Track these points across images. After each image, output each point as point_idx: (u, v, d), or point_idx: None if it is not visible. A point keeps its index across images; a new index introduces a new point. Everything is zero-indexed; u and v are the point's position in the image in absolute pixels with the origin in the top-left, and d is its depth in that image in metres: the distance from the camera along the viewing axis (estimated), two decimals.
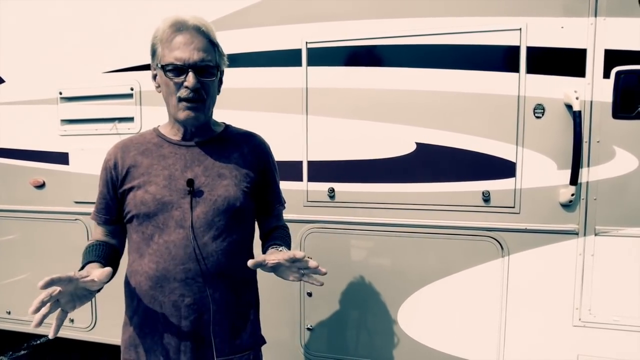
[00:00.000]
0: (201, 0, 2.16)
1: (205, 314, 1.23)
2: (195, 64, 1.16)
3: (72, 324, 2.54)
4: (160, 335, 1.24)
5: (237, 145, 1.32)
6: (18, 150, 2.56)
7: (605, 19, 1.73)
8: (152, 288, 1.22)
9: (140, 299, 1.25)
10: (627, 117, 1.74)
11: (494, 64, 1.85)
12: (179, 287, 1.21)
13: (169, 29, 1.16)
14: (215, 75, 1.22)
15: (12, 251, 2.64)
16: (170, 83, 1.18)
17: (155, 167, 1.24)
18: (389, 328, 2.07)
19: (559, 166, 1.81)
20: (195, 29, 1.17)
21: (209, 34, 1.19)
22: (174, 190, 1.22)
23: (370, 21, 1.95)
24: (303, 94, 2.06)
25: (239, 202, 1.25)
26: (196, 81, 1.16)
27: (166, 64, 1.17)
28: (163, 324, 1.23)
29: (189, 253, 1.20)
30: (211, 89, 1.23)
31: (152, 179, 1.23)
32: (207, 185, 1.23)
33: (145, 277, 1.23)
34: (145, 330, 1.26)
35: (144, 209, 1.21)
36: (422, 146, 1.94)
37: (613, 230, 1.79)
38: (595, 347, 1.84)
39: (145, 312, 1.25)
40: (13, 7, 2.48)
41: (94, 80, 2.36)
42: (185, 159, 1.25)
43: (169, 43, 1.16)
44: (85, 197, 2.42)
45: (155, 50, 1.21)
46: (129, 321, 1.30)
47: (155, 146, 1.28)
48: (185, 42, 1.16)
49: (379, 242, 2.05)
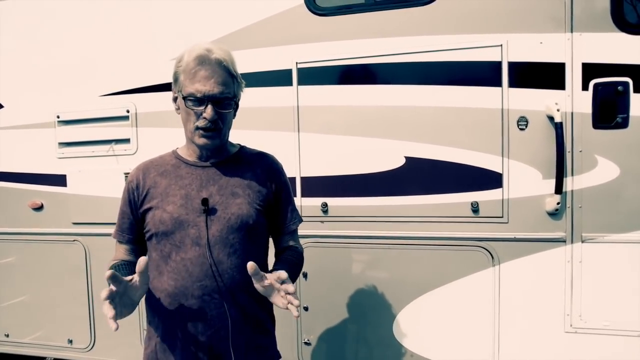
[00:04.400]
0: (195, 24, 2.23)
1: (222, 329, 1.26)
2: (214, 96, 1.23)
3: (70, 345, 2.54)
4: (179, 350, 1.28)
5: (251, 165, 1.38)
6: (17, 174, 2.60)
7: (581, 34, 1.80)
8: (171, 304, 1.27)
9: (160, 315, 1.30)
10: (607, 127, 1.81)
11: (478, 79, 1.91)
12: (196, 303, 1.25)
13: (192, 62, 1.23)
14: (232, 106, 1.30)
15: (11, 273, 2.66)
16: (190, 112, 1.26)
17: (173, 187, 1.30)
18: (384, 340, 2.09)
19: (544, 176, 1.87)
20: (217, 63, 1.24)
21: (229, 68, 1.26)
22: (190, 209, 1.27)
23: (357, 41, 2.03)
24: (294, 112, 2.12)
25: (252, 220, 1.30)
26: (214, 113, 1.24)
27: (187, 95, 1.24)
28: (182, 339, 1.27)
29: (205, 270, 1.25)
30: (228, 118, 1.31)
31: (169, 198, 1.29)
32: (222, 203, 1.28)
33: (164, 294, 1.28)
34: (165, 345, 1.30)
35: (162, 228, 1.27)
36: (411, 160, 2.00)
37: (599, 236, 1.84)
38: (586, 353, 1.87)
39: (165, 327, 1.29)
40: (11, 33, 2.55)
41: (90, 104, 2.42)
42: (201, 179, 1.31)
43: (192, 75, 1.23)
44: (83, 218, 2.45)
45: (178, 78, 1.28)
46: (151, 337, 1.34)
47: (173, 167, 1.34)
48: (206, 77, 1.23)
49: (373, 255, 2.09)
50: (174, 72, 1.29)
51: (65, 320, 2.55)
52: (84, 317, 2.50)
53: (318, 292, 2.17)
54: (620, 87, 1.77)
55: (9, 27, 2.55)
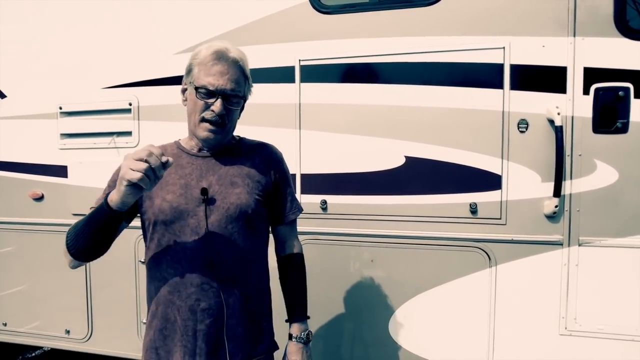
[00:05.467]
0: (199, 19, 2.24)
1: (220, 318, 1.28)
2: (225, 92, 1.26)
3: (68, 335, 2.56)
4: (178, 339, 1.29)
5: (250, 155, 1.40)
6: (18, 164, 2.61)
7: (583, 39, 1.81)
8: (170, 293, 1.28)
9: (159, 304, 1.31)
10: (607, 132, 1.81)
11: (480, 81, 1.92)
12: (195, 292, 1.26)
13: (210, 56, 1.27)
14: (240, 105, 1.33)
15: (10, 263, 2.67)
16: (199, 102, 1.27)
17: (173, 176, 1.31)
18: (381, 338, 2.10)
19: (543, 179, 1.88)
20: (233, 61, 1.28)
21: (244, 68, 1.31)
22: (189, 199, 1.28)
23: (360, 40, 2.03)
24: (296, 109, 2.13)
25: (250, 210, 1.31)
26: (222, 107, 1.27)
27: (200, 86, 1.26)
28: (180, 327, 1.28)
29: (203, 259, 1.26)
30: (234, 115, 1.33)
31: (169, 187, 1.30)
32: (221, 193, 1.30)
33: (163, 283, 1.29)
34: (164, 333, 1.31)
35: (162, 217, 1.28)
36: (411, 159, 2.01)
37: (596, 240, 1.85)
38: (581, 356, 1.88)
39: (164, 316, 1.30)
40: (14, 24, 2.55)
41: (93, 96, 2.43)
42: (201, 169, 1.33)
43: (207, 68, 1.26)
44: (83, 209, 2.45)
45: (192, 69, 1.30)
46: (150, 324, 1.35)
47: (174, 157, 1.31)
48: (221, 72, 1.26)
49: (370, 252, 2.10)
50: (189, 63, 1.32)
51: (63, 310, 2.56)
52: (81, 308, 2.52)
53: (315, 288, 2.17)
54: (621, 92, 1.78)
55: (13, 17, 2.56)
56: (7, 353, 3.32)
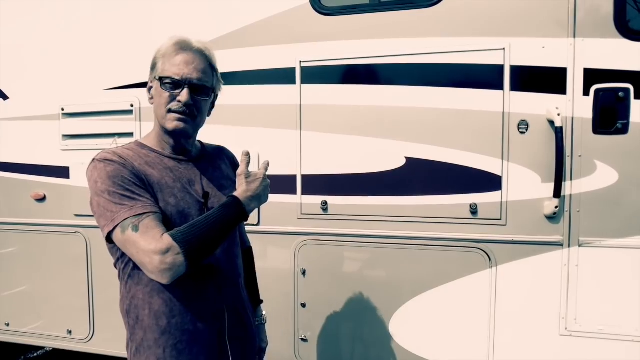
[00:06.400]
0: (200, 21, 2.25)
1: (220, 320, 1.28)
2: (192, 81, 1.21)
3: (69, 335, 2.57)
4: (180, 342, 1.25)
5: (220, 158, 1.43)
6: (20, 165, 2.62)
7: (583, 40, 1.81)
8: (189, 302, 1.25)
9: (173, 316, 1.25)
10: (607, 133, 1.82)
11: (480, 82, 1.92)
12: (214, 298, 1.27)
13: (172, 47, 1.23)
14: (209, 96, 1.28)
15: (12, 263, 2.68)
16: (164, 94, 1.21)
17: (167, 179, 1.24)
18: (381, 338, 2.11)
19: (543, 179, 1.88)
20: (198, 51, 1.24)
21: (210, 58, 1.26)
22: (190, 203, 1.25)
23: (360, 41, 2.04)
24: (297, 110, 2.13)
25: None
26: (189, 97, 1.20)
27: (164, 77, 1.21)
28: (183, 331, 1.26)
29: (210, 266, 1.26)
30: (203, 108, 1.27)
31: (168, 190, 1.22)
32: (216, 197, 1.30)
33: (177, 293, 1.23)
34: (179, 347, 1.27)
35: (166, 221, 1.19)
36: (411, 160, 2.01)
37: (596, 241, 1.85)
38: (581, 356, 1.88)
39: (180, 327, 1.26)
40: (16, 26, 2.57)
41: (95, 97, 2.44)
42: (189, 173, 1.29)
43: (171, 59, 1.22)
44: (85, 210, 2.47)
45: (156, 64, 1.25)
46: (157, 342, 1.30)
47: (157, 158, 1.27)
48: (186, 61, 1.21)
49: (371, 253, 2.10)
50: (153, 58, 1.26)
51: (65, 311, 2.58)
52: (83, 309, 2.53)
53: (316, 289, 2.18)
54: (621, 93, 1.78)
55: (15, 19, 2.57)
56: (9, 353, 3.34)
